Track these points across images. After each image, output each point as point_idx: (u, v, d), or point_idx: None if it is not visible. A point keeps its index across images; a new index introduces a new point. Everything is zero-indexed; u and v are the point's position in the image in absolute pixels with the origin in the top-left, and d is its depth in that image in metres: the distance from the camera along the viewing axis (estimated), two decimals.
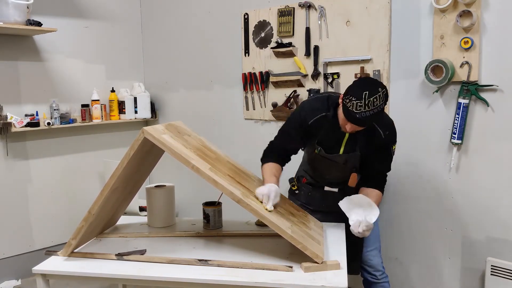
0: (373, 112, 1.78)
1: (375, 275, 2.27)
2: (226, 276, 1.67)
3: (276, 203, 1.87)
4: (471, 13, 2.21)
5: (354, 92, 1.79)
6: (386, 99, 1.81)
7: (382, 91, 1.78)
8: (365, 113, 1.78)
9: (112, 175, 1.83)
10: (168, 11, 3.77)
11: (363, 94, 1.76)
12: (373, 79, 1.92)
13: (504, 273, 2.23)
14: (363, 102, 1.76)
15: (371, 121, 1.84)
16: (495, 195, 2.30)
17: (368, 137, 2.00)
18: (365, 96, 1.76)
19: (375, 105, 1.77)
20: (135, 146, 1.81)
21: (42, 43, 3.40)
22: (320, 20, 2.85)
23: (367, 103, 1.76)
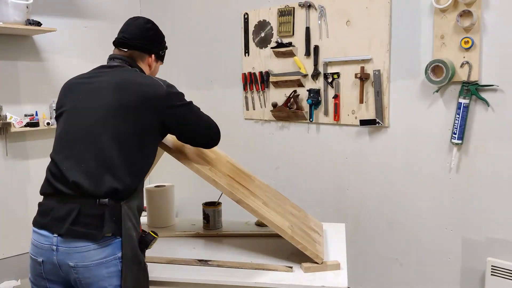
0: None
1: None
2: (226, 276, 1.67)
3: None
4: (471, 13, 2.21)
5: (162, 34, 1.80)
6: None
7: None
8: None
9: None
10: (168, 11, 3.77)
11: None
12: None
13: (504, 273, 2.23)
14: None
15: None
16: (495, 195, 2.30)
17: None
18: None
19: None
20: None
21: (42, 43, 3.40)
22: (320, 20, 2.85)
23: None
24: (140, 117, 1.50)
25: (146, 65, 1.73)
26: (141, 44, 1.70)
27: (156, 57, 1.77)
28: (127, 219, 1.45)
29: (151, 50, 1.73)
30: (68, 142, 1.52)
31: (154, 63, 1.77)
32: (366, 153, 2.75)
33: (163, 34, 1.80)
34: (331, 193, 2.93)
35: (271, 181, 2.60)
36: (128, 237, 1.45)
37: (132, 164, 1.49)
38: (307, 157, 3.03)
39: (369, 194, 2.76)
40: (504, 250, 2.28)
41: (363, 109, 2.70)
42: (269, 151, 3.23)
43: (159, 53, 1.79)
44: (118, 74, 1.59)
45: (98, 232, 1.40)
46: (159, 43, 1.77)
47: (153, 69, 1.79)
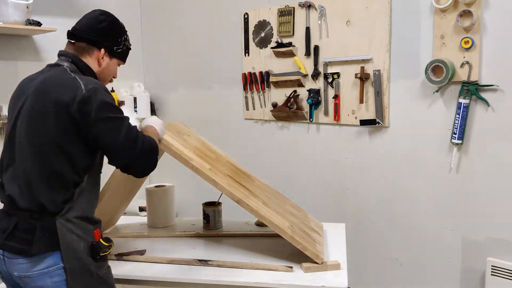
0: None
1: None
2: (226, 276, 1.67)
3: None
4: (471, 13, 2.21)
5: (120, 29, 1.66)
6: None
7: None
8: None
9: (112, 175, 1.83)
10: (168, 11, 3.76)
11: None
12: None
13: (504, 273, 2.23)
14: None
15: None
16: (495, 195, 2.29)
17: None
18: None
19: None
20: None
21: (42, 43, 3.40)
22: (320, 20, 2.85)
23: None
24: (55, 123, 1.39)
25: (94, 60, 1.58)
26: (89, 35, 1.56)
27: (109, 53, 1.60)
28: (66, 232, 1.40)
29: (100, 43, 1.57)
30: (6, 150, 1.50)
31: (107, 59, 1.60)
32: (366, 153, 2.75)
33: (122, 30, 1.66)
34: (331, 193, 2.93)
35: (271, 181, 2.60)
36: (70, 251, 1.40)
37: (57, 177, 1.40)
38: (307, 157, 3.03)
39: (369, 194, 2.76)
40: (504, 250, 2.28)
41: (363, 109, 2.70)
42: (269, 151, 3.23)
43: (113, 49, 1.61)
44: (45, 76, 1.49)
45: (30, 248, 1.39)
46: (112, 38, 1.60)
47: (105, 67, 1.60)
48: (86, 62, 1.56)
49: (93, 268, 1.45)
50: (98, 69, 1.59)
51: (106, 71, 1.63)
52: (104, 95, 1.42)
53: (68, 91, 1.39)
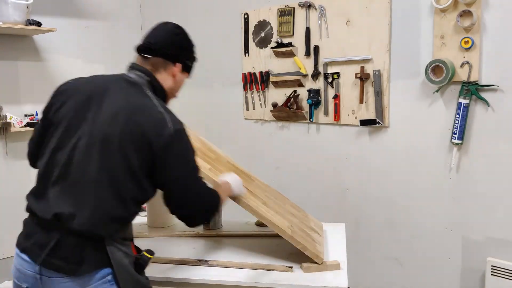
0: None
1: None
2: (226, 276, 1.67)
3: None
4: (471, 13, 2.21)
5: (192, 42, 1.60)
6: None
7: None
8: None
9: None
10: (168, 11, 3.76)
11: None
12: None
13: (504, 273, 2.23)
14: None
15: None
16: (495, 195, 2.29)
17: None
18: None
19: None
20: None
21: (42, 43, 3.40)
22: (320, 20, 2.85)
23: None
24: (134, 154, 1.34)
25: (169, 75, 1.52)
26: (166, 50, 1.50)
27: (183, 67, 1.56)
28: (115, 250, 1.35)
29: (177, 57, 1.53)
30: (58, 158, 1.37)
31: (179, 74, 1.55)
32: (366, 153, 2.75)
33: (193, 43, 1.61)
34: (331, 193, 2.93)
35: (271, 181, 2.60)
36: (122, 267, 1.36)
37: (123, 206, 1.37)
38: (307, 157, 3.03)
39: (369, 194, 2.76)
40: (504, 250, 2.28)
41: (363, 109, 2.70)
42: (269, 151, 3.23)
43: (186, 63, 1.57)
44: (128, 99, 1.39)
45: (78, 267, 1.31)
46: (187, 51, 1.58)
47: (177, 81, 1.56)
48: (160, 80, 1.50)
49: (144, 281, 1.43)
50: (172, 85, 1.54)
51: (178, 85, 1.59)
52: (187, 141, 1.40)
53: (155, 128, 1.34)
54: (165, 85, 1.52)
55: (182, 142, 1.38)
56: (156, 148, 1.33)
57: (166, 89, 1.53)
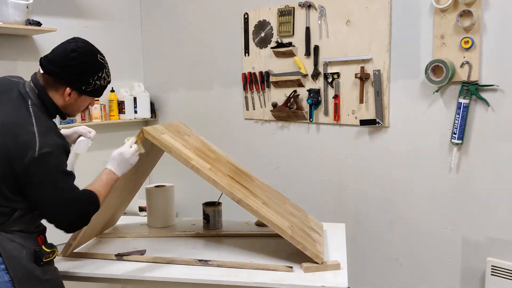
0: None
1: None
2: (226, 276, 1.67)
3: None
4: (471, 13, 2.21)
5: (92, 68, 1.55)
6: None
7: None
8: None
9: None
10: (168, 11, 3.76)
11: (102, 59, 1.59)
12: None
13: (504, 273, 2.23)
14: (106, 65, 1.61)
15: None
16: (495, 195, 2.29)
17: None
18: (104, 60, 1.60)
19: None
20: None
21: (42, 43, 3.40)
22: (320, 20, 2.85)
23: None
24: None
25: (60, 95, 1.52)
26: (55, 71, 1.50)
27: (77, 91, 1.53)
28: (6, 241, 1.44)
29: (67, 82, 1.50)
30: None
31: (74, 96, 1.53)
32: (366, 153, 2.75)
33: (95, 68, 1.55)
34: (331, 193, 2.93)
35: (271, 181, 2.60)
36: (13, 258, 1.44)
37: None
38: (307, 157, 3.03)
39: (369, 194, 2.76)
40: (504, 250, 2.28)
41: (363, 109, 2.70)
42: (269, 151, 3.23)
43: (81, 88, 1.53)
44: (7, 112, 1.45)
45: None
46: (81, 77, 1.52)
47: (72, 103, 1.55)
48: (51, 97, 1.52)
49: (39, 273, 1.49)
50: (64, 104, 1.55)
51: (74, 106, 1.59)
52: (51, 163, 1.41)
53: (19, 150, 1.39)
54: (57, 103, 1.54)
55: (44, 166, 1.40)
56: (17, 170, 1.39)
57: (60, 107, 1.55)
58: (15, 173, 1.40)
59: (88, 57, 1.54)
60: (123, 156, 1.65)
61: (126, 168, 1.66)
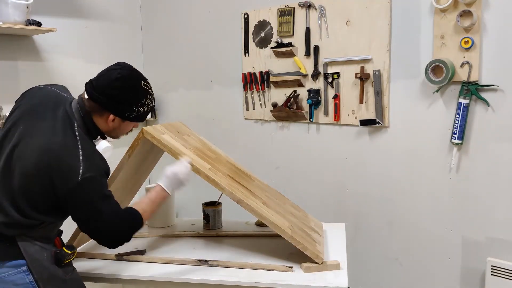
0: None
1: None
2: (226, 277, 1.67)
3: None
4: (471, 13, 2.21)
5: (135, 96, 1.56)
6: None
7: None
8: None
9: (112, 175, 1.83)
10: (168, 11, 3.76)
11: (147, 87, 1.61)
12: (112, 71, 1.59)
13: (504, 273, 2.23)
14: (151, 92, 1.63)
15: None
16: (495, 195, 2.30)
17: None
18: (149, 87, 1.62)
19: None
20: (134, 146, 1.81)
21: (42, 43, 3.40)
22: (320, 20, 2.85)
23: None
24: (39, 186, 1.43)
25: (104, 121, 1.56)
26: (100, 99, 1.52)
27: (121, 118, 1.57)
28: (27, 244, 1.47)
29: (110, 109, 1.53)
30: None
31: (118, 122, 1.57)
32: (366, 153, 2.75)
33: (138, 96, 1.55)
34: (331, 193, 2.93)
35: (271, 181, 2.60)
36: (36, 261, 1.47)
37: (30, 206, 1.47)
38: (307, 157, 3.03)
39: (369, 194, 2.76)
40: (504, 250, 2.28)
41: (363, 109, 2.70)
42: (269, 151, 3.23)
43: (125, 115, 1.56)
44: (49, 136, 1.46)
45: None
46: (123, 105, 1.54)
47: (116, 127, 1.59)
48: (95, 122, 1.55)
49: (61, 274, 1.53)
50: (108, 129, 1.59)
51: (118, 130, 1.62)
52: (93, 187, 1.44)
53: (63, 174, 1.41)
54: (101, 127, 1.58)
55: (87, 190, 1.43)
56: (59, 192, 1.42)
57: (103, 131, 1.59)
58: (56, 193, 1.42)
59: (132, 85, 1.55)
60: (177, 176, 1.66)
61: (178, 188, 1.68)
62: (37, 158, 1.41)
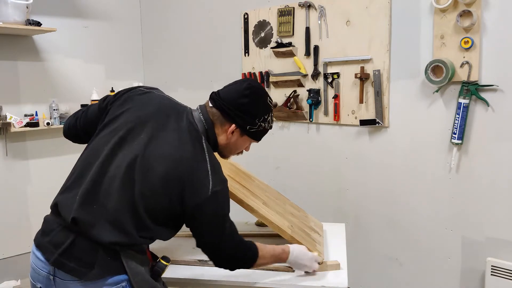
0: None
1: None
2: (226, 277, 1.66)
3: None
4: (471, 13, 2.21)
5: (261, 110, 1.53)
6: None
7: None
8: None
9: None
10: (168, 11, 3.77)
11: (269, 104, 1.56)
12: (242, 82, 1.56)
13: (504, 273, 2.23)
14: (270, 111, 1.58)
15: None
16: (495, 195, 2.30)
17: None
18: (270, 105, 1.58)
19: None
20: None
21: (42, 43, 3.40)
22: (320, 20, 2.85)
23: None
24: (168, 196, 1.36)
25: (223, 131, 1.51)
26: (227, 107, 1.47)
27: (241, 130, 1.51)
28: (128, 258, 1.36)
29: (234, 119, 1.49)
30: (93, 163, 1.39)
31: (236, 135, 1.52)
32: (366, 153, 2.75)
33: (263, 111, 1.53)
34: (331, 193, 2.93)
35: (271, 181, 2.60)
36: (137, 275, 1.36)
37: (142, 227, 1.39)
38: (307, 157, 3.03)
39: (369, 194, 2.76)
40: (504, 250, 2.28)
41: (363, 109, 2.70)
42: (269, 151, 3.23)
43: (245, 128, 1.51)
44: (182, 139, 1.40)
45: (89, 271, 1.30)
46: (248, 117, 1.49)
47: (232, 142, 1.54)
48: (216, 132, 1.50)
49: (160, 286, 1.45)
50: (224, 143, 1.53)
51: (233, 146, 1.57)
52: (222, 202, 1.41)
53: (193, 187, 1.36)
54: (218, 140, 1.52)
55: (214, 204, 1.39)
56: (187, 207, 1.36)
57: (220, 145, 1.53)
58: (182, 206, 1.37)
59: (259, 97, 1.53)
60: (303, 263, 1.65)
61: (297, 268, 1.66)
62: (166, 169, 1.34)
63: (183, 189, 1.35)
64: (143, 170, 1.35)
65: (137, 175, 1.35)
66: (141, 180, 1.34)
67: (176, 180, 1.35)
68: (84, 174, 1.39)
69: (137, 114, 1.44)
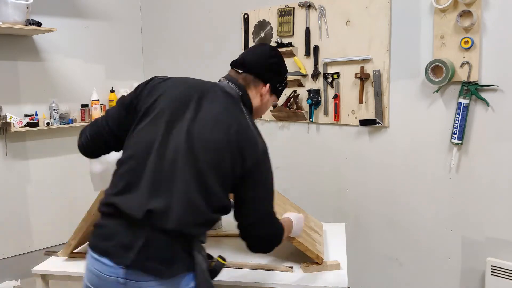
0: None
1: None
2: (226, 276, 1.66)
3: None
4: (471, 13, 2.21)
5: (285, 67, 1.62)
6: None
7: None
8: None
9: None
10: (168, 11, 3.77)
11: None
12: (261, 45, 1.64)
13: (504, 273, 2.23)
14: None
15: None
16: (495, 195, 2.30)
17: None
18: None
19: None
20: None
21: (42, 43, 3.40)
22: (320, 20, 2.85)
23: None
24: (221, 164, 1.35)
25: (257, 94, 1.54)
26: (259, 69, 1.53)
27: (272, 89, 1.57)
28: (197, 253, 1.33)
29: (267, 79, 1.54)
30: (148, 151, 1.35)
31: (267, 95, 1.57)
32: (366, 153, 2.75)
33: (286, 69, 1.63)
34: (331, 193, 2.93)
35: None
36: (202, 272, 1.33)
37: (216, 206, 1.38)
38: (307, 157, 3.03)
39: (369, 194, 2.76)
40: (504, 250, 2.28)
41: (363, 109, 2.70)
42: (269, 151, 3.22)
43: (276, 86, 1.59)
44: (228, 109, 1.41)
45: (169, 269, 1.27)
46: (278, 75, 1.58)
47: (264, 102, 1.58)
48: (250, 96, 1.53)
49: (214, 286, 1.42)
50: (258, 104, 1.56)
51: (264, 107, 1.61)
52: (270, 162, 1.44)
53: (250, 145, 1.38)
54: (253, 103, 1.54)
55: (267, 163, 1.43)
56: (248, 165, 1.37)
57: (254, 107, 1.55)
58: (243, 168, 1.36)
59: (282, 57, 1.62)
60: (299, 226, 1.69)
61: (296, 232, 1.68)
62: (223, 135, 1.35)
63: (242, 150, 1.36)
64: (202, 143, 1.34)
65: (196, 150, 1.33)
66: (203, 153, 1.33)
67: (235, 142, 1.36)
68: (138, 169, 1.34)
69: (171, 97, 1.42)
